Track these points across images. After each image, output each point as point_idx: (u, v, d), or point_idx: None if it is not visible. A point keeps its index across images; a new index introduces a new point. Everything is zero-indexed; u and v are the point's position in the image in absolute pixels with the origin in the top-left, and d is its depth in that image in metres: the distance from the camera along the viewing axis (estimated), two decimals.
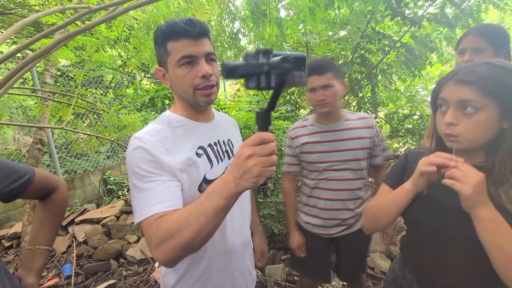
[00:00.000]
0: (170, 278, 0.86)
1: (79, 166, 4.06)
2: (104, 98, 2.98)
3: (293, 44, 2.80)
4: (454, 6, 2.25)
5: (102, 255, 2.45)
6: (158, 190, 0.68)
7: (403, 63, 2.66)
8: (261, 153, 0.54)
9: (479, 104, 0.65)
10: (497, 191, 0.67)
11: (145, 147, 0.71)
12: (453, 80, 0.69)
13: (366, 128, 1.34)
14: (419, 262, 0.83)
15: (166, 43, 0.76)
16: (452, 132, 0.69)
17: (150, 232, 0.65)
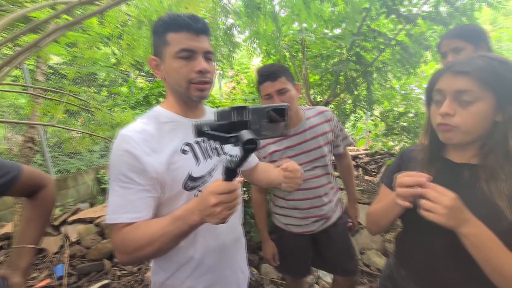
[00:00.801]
0: (159, 277, 0.85)
1: (72, 165, 4.00)
2: (97, 96, 2.93)
3: (289, 41, 2.79)
4: (449, 4, 2.26)
5: (96, 255, 2.41)
6: (130, 200, 0.71)
7: (398, 61, 2.67)
8: (226, 201, 0.60)
9: (476, 95, 0.65)
10: (489, 187, 0.67)
11: (129, 149, 0.71)
12: (450, 71, 0.68)
13: (326, 122, 1.37)
14: (413, 258, 0.83)
15: (166, 33, 0.76)
16: (448, 122, 0.68)
17: (116, 238, 0.71)
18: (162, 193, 0.76)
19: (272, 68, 1.24)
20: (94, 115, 2.41)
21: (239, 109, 0.57)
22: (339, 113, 3.12)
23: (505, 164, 0.66)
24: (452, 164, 0.76)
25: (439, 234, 0.72)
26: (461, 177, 0.72)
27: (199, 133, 0.56)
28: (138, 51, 2.43)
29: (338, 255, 1.45)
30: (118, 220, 0.70)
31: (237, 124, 0.57)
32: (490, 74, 0.64)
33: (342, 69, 2.57)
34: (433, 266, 0.76)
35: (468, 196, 0.68)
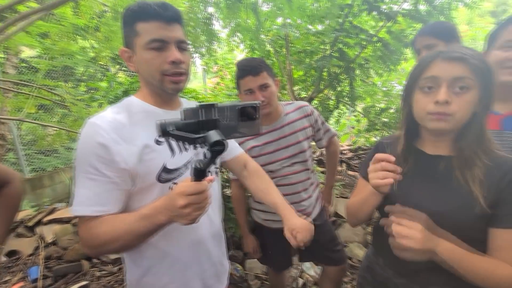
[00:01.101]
0: (133, 275, 0.81)
1: (48, 164, 3.82)
2: (73, 90, 2.80)
3: (273, 36, 2.77)
4: (427, 2, 2.32)
5: (73, 256, 2.31)
6: (96, 192, 0.68)
7: (380, 58, 2.72)
8: (196, 202, 0.59)
9: (471, 83, 0.64)
10: (464, 176, 0.69)
11: (97, 137, 0.67)
12: (442, 58, 0.67)
13: (305, 117, 1.37)
14: (386, 247, 0.84)
15: (136, 23, 0.72)
16: (446, 110, 0.65)
17: (81, 231, 0.71)
18: (133, 185, 0.73)
19: (254, 62, 1.22)
20: (70, 111, 2.30)
21: (207, 107, 0.55)
22: (323, 109, 3.15)
23: (479, 152, 0.68)
24: (427, 156, 0.77)
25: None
26: (437, 169, 0.74)
27: (164, 133, 0.53)
28: (117, 44, 2.33)
29: (323, 247, 1.46)
30: (83, 213, 0.68)
31: (205, 123, 0.54)
32: (483, 65, 0.64)
33: (325, 65, 2.58)
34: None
35: (445, 187, 0.71)
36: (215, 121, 0.54)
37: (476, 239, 0.69)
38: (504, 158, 0.68)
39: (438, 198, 0.71)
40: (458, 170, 0.69)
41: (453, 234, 0.69)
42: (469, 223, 0.68)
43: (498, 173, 0.66)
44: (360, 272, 0.98)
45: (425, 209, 0.72)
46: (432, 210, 0.71)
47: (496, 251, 0.67)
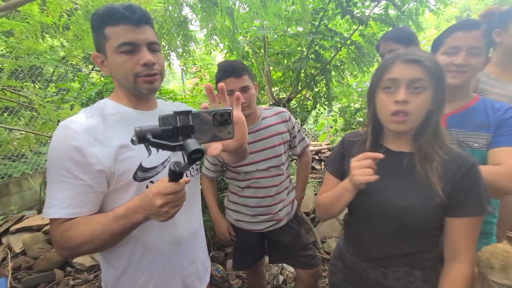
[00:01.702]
0: (109, 276, 0.81)
1: (15, 169, 3.59)
2: (40, 91, 2.66)
3: (250, 38, 2.79)
4: (396, 8, 2.45)
5: (45, 265, 2.20)
6: (69, 195, 0.68)
7: (354, 60, 2.83)
8: (173, 201, 0.61)
9: (426, 83, 0.71)
10: (424, 169, 0.76)
11: (70, 140, 0.67)
12: (401, 60, 0.73)
13: (282, 122, 1.40)
14: (361, 238, 0.92)
15: (104, 28, 0.72)
16: (405, 109, 0.71)
17: (54, 234, 0.70)
18: (108, 186, 0.73)
19: (236, 64, 1.24)
20: (39, 113, 2.18)
21: (183, 114, 0.56)
22: (301, 109, 3.22)
23: (436, 147, 0.75)
24: (392, 152, 0.83)
25: (387, 218, 0.80)
26: (401, 165, 0.80)
27: (141, 140, 0.53)
28: (89, 43, 2.24)
29: (295, 251, 1.48)
30: (55, 216, 0.68)
31: (182, 129, 0.56)
32: (437, 67, 0.72)
33: (302, 66, 2.65)
34: (381, 244, 0.84)
35: (408, 182, 0.78)
36: (191, 127, 0.55)
37: (437, 228, 0.77)
38: (457, 152, 0.76)
39: (403, 193, 0.78)
40: (419, 165, 0.76)
41: (417, 225, 0.76)
42: (431, 215, 0.74)
43: (453, 166, 0.73)
44: (332, 261, 1.05)
45: (392, 204, 0.78)
46: (399, 205, 0.77)
47: (450, 237, 0.75)
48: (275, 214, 1.42)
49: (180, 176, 0.59)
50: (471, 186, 0.73)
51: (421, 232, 0.78)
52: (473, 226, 0.74)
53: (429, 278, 0.80)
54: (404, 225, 0.77)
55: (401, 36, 1.36)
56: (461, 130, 0.99)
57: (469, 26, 0.92)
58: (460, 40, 0.92)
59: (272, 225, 1.44)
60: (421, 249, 0.80)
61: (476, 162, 0.74)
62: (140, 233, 0.75)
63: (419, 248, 0.80)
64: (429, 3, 2.43)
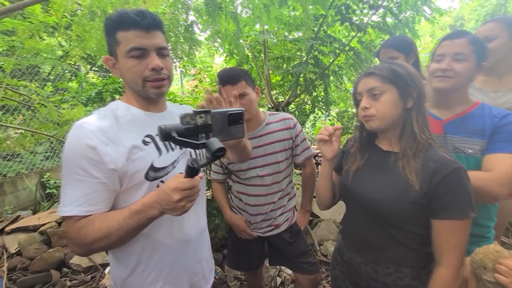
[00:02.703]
0: (119, 274, 0.82)
1: (10, 169, 3.54)
2: (41, 90, 2.65)
3: (251, 42, 2.83)
4: (394, 16, 2.51)
5: (41, 266, 2.18)
6: (85, 192, 0.70)
7: (352, 65, 2.89)
8: (189, 196, 0.65)
9: (381, 89, 0.84)
10: (403, 165, 0.82)
11: (85, 140, 0.69)
12: (363, 75, 0.89)
13: (286, 129, 1.41)
14: (349, 231, 1.01)
15: (116, 32, 0.75)
16: (367, 113, 0.86)
17: (70, 231, 0.71)
18: (121, 185, 0.75)
19: (232, 72, 1.26)
20: (37, 112, 2.17)
21: (203, 113, 0.60)
22: (299, 113, 3.26)
23: (413, 143, 0.83)
24: (381, 151, 0.92)
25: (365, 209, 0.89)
26: (387, 162, 0.88)
27: (166, 138, 0.57)
28: (90, 44, 2.25)
29: (295, 256, 1.49)
30: (71, 213, 0.69)
31: (202, 127, 0.59)
32: (389, 72, 0.83)
33: (301, 71, 2.70)
34: (362, 235, 0.93)
35: (391, 176, 0.85)
36: (210, 126, 0.59)
37: (408, 223, 0.82)
38: (441, 155, 0.80)
39: (381, 187, 0.86)
40: (400, 162, 0.84)
41: (391, 218, 0.83)
42: (404, 208, 0.80)
43: (433, 167, 0.78)
44: (333, 255, 1.11)
45: (370, 196, 0.86)
46: (375, 198, 0.85)
47: (434, 239, 0.80)
48: (274, 219, 1.44)
49: (197, 173, 0.63)
50: (452, 190, 0.75)
51: (399, 225, 0.83)
52: (454, 229, 0.76)
53: (418, 276, 0.84)
54: (381, 217, 0.85)
55: (400, 44, 1.41)
56: (456, 136, 1.02)
57: (455, 35, 1.00)
58: (445, 48, 1.00)
59: (270, 230, 1.46)
60: (406, 246, 0.84)
61: (461, 167, 0.77)
62: (150, 230, 0.77)
63: (403, 244, 0.84)
64: (425, 12, 2.50)
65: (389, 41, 1.48)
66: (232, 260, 1.64)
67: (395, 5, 2.48)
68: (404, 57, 1.40)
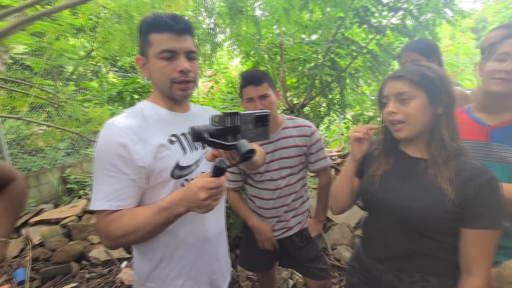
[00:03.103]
0: (144, 268, 0.85)
1: (34, 164, 3.72)
2: (66, 89, 2.77)
3: (268, 44, 2.85)
4: (414, 18, 2.47)
5: (62, 258, 2.27)
6: (115, 188, 0.73)
7: (369, 68, 2.85)
8: (214, 194, 0.66)
9: (411, 94, 0.80)
10: (434, 173, 0.80)
11: (116, 138, 0.72)
12: (391, 78, 0.85)
13: (302, 136, 1.40)
14: (371, 239, 0.97)
15: (149, 34, 0.78)
16: (394, 118, 0.82)
17: (101, 225, 0.75)
18: (147, 182, 0.78)
19: (256, 73, 1.29)
20: (59, 110, 2.28)
21: (232, 115, 0.62)
22: (314, 115, 3.25)
23: (442, 151, 0.80)
24: (408, 157, 0.89)
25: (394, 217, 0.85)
26: (416, 169, 0.85)
27: (198, 138, 0.59)
28: (113, 45, 2.34)
29: (306, 261, 1.48)
30: (102, 207, 0.72)
31: (231, 129, 0.62)
32: (420, 76, 0.79)
33: (317, 73, 2.69)
34: (388, 243, 0.89)
35: (419, 185, 0.82)
36: (238, 127, 0.60)
37: (439, 232, 0.79)
38: (473, 163, 0.78)
39: (413, 194, 0.82)
40: (431, 170, 0.81)
41: (424, 227, 0.80)
42: (438, 218, 0.77)
43: (468, 176, 0.76)
44: (349, 262, 1.09)
45: (401, 204, 0.83)
46: (406, 206, 0.81)
47: (463, 248, 0.77)
48: (287, 221, 1.44)
49: (223, 172, 0.65)
50: (486, 199, 0.74)
51: (429, 235, 0.80)
52: (487, 239, 0.75)
53: (445, 285, 0.82)
54: (411, 225, 0.81)
55: (422, 47, 1.38)
56: (505, 145, 0.92)
57: None
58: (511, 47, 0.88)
59: (283, 232, 1.46)
60: (434, 255, 0.81)
61: (495, 176, 0.75)
62: (174, 227, 0.79)
63: (431, 253, 0.81)
64: (446, 14, 2.44)
65: (410, 44, 1.45)
66: (245, 261, 1.66)
67: (415, 7, 2.43)
68: (425, 61, 1.37)
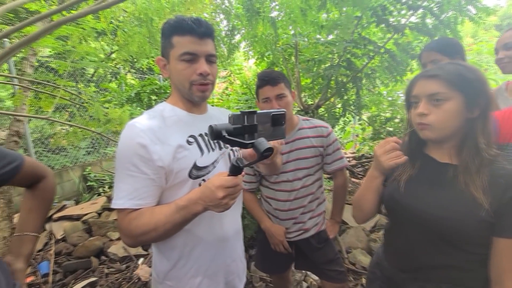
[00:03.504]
0: (162, 267, 0.87)
1: (57, 162, 3.89)
2: (88, 90, 2.89)
3: (283, 45, 2.85)
4: (434, 16, 2.39)
5: (83, 252, 2.37)
6: (136, 187, 0.75)
7: (386, 68, 2.79)
8: (232, 193, 0.68)
9: (446, 95, 0.74)
10: (465, 180, 0.74)
11: (137, 139, 0.75)
12: (423, 77, 0.78)
13: (318, 137, 1.39)
14: (394, 246, 0.91)
15: (172, 36, 0.80)
16: (424, 121, 0.77)
17: (122, 223, 0.77)
18: (166, 182, 0.80)
19: (273, 74, 1.30)
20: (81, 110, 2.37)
21: (249, 114, 0.63)
22: (329, 116, 3.21)
23: (476, 158, 0.74)
24: (435, 162, 0.83)
25: (421, 226, 0.80)
26: (445, 175, 0.79)
27: (217, 137, 0.60)
28: (133, 47, 2.42)
29: (323, 263, 1.47)
30: (123, 206, 0.75)
31: (249, 127, 0.62)
32: (457, 77, 0.73)
33: (333, 74, 2.65)
34: (413, 253, 0.84)
35: (452, 191, 0.76)
36: (256, 126, 0.61)
37: (471, 243, 0.74)
38: (508, 170, 0.73)
39: (443, 203, 0.76)
40: (462, 177, 0.75)
41: (455, 238, 0.75)
42: (471, 228, 0.72)
43: (504, 183, 0.71)
44: (369, 268, 1.05)
45: (430, 212, 0.77)
46: (437, 215, 0.76)
47: (497, 257, 0.72)
48: (304, 223, 1.43)
49: (240, 171, 0.66)
50: None
51: (459, 245, 0.75)
52: None
53: None
54: (440, 235, 0.76)
55: (444, 47, 1.32)
56: None
57: None
58: None
59: (299, 234, 1.45)
60: (463, 266, 0.77)
61: None
62: (191, 226, 0.81)
63: (460, 265, 0.77)
64: (469, 12, 2.35)
65: (433, 43, 1.39)
66: (260, 262, 1.66)
67: (436, 5, 2.36)
68: (447, 61, 1.33)
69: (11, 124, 2.40)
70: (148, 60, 2.77)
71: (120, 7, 2.04)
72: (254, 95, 3.18)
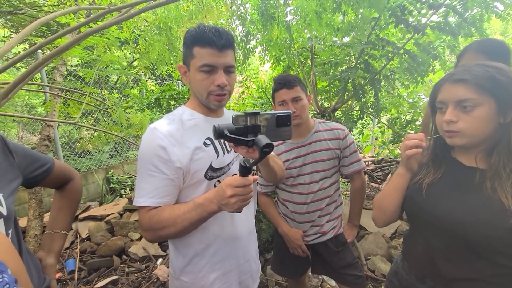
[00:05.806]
0: (178, 263, 0.91)
1: (83, 165, 4.10)
2: (111, 96, 3.04)
3: (298, 48, 2.85)
4: (457, 15, 2.29)
5: (105, 251, 2.47)
6: (156, 186, 0.80)
7: (406, 69, 2.70)
8: (241, 194, 0.69)
9: (476, 101, 0.69)
10: (494, 186, 0.71)
11: (157, 140, 0.79)
12: (449, 81, 0.74)
13: (335, 139, 1.38)
14: (414, 253, 0.88)
15: (193, 47, 0.83)
16: (452, 128, 0.73)
17: (143, 219, 0.81)
18: (184, 182, 0.83)
19: (289, 77, 1.32)
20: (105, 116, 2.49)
21: (252, 115, 0.65)
22: (346, 119, 3.16)
23: (508, 163, 0.70)
24: (462, 166, 0.79)
25: (444, 231, 0.76)
26: (471, 180, 0.75)
27: (219, 135, 0.63)
28: (153, 55, 2.52)
29: (341, 267, 1.44)
30: (144, 204, 0.80)
31: (251, 128, 0.65)
32: (487, 80, 0.68)
33: (350, 76, 2.62)
34: (433, 259, 0.80)
35: (478, 197, 0.73)
36: (258, 126, 0.63)
37: (504, 254, 0.69)
38: None
39: (468, 208, 0.73)
40: (489, 183, 0.71)
41: (481, 245, 0.70)
42: (498, 235, 0.68)
43: None
44: (388, 277, 1.02)
45: (453, 216, 0.74)
46: (461, 220, 0.72)
47: None
48: (321, 226, 1.42)
49: (249, 172, 0.67)
50: None
51: (485, 255, 0.71)
52: None
53: None
54: (464, 242, 0.72)
55: (486, 48, 1.22)
56: None
57: None
58: None
59: (316, 238, 1.44)
60: (489, 280, 0.71)
61: None
62: (206, 224, 0.84)
63: (485, 278, 0.72)
64: (496, 9, 2.24)
65: (478, 44, 1.28)
66: (276, 265, 1.66)
67: (459, 2, 2.27)
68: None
69: (43, 129, 2.57)
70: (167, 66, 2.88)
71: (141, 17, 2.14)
72: (270, 99, 3.20)
